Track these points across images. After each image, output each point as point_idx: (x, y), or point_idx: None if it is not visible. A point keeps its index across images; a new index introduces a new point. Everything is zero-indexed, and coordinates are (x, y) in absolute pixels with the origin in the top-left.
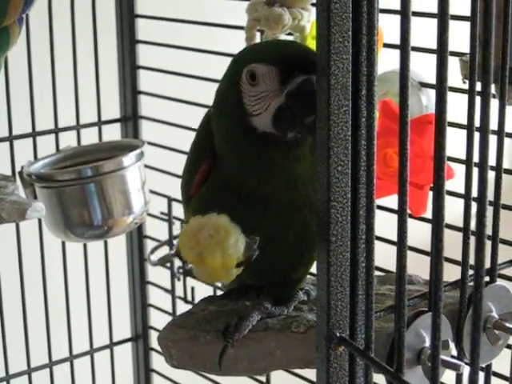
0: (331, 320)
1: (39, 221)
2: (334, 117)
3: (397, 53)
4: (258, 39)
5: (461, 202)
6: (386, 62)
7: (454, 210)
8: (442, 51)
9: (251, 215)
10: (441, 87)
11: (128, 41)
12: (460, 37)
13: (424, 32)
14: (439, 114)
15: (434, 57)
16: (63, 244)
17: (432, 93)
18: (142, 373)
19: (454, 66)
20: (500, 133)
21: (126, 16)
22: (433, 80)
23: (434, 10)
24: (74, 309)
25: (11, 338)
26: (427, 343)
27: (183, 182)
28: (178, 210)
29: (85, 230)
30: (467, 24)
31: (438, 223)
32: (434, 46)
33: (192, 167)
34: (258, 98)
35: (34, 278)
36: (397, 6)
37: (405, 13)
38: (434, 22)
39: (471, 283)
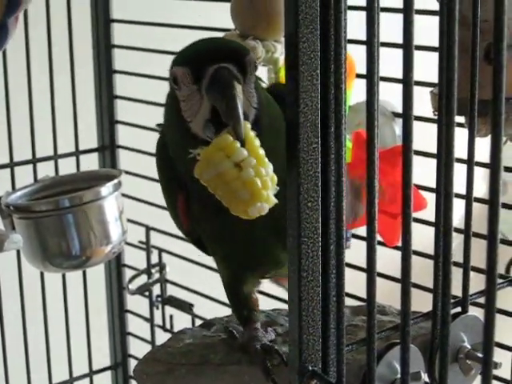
0: (303, 354)
1: (18, 251)
2: (303, 154)
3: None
4: None
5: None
6: (361, 91)
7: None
8: (407, 84)
9: (225, 226)
10: (406, 117)
11: (105, 71)
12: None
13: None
14: (405, 145)
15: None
16: (42, 274)
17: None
18: None
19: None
20: (470, 163)
21: (103, 46)
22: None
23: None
24: (54, 337)
25: None
26: (399, 375)
27: (173, 218)
28: (156, 239)
29: (63, 260)
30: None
31: (405, 258)
32: None
33: (170, 204)
34: (186, 103)
35: (12, 308)
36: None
37: (371, 43)
38: None
39: None
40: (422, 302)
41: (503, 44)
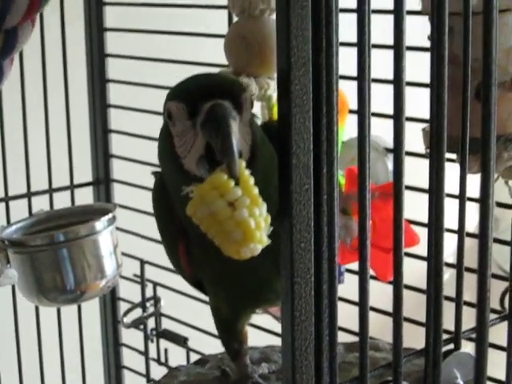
0: None
1: (12, 285)
2: (296, 195)
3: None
4: None
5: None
6: (355, 127)
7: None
8: (397, 118)
9: (228, 268)
10: (398, 153)
11: (99, 104)
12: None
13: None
14: (396, 180)
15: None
16: (37, 308)
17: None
18: None
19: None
20: (462, 199)
21: (98, 80)
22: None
23: None
24: (49, 372)
25: None
26: None
27: (174, 265)
28: (151, 272)
29: (58, 294)
30: None
31: (397, 300)
32: None
33: (171, 252)
34: (180, 138)
35: (7, 342)
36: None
37: (362, 77)
38: None
39: None
40: (416, 336)
41: (491, 82)
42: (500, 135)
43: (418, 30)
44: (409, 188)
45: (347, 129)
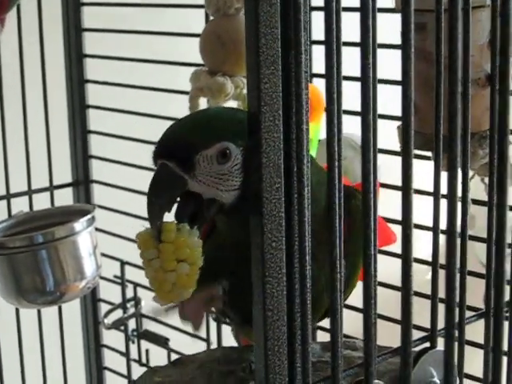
0: None
1: None
2: (266, 194)
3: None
4: (203, 107)
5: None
6: None
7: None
8: (365, 115)
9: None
10: (366, 151)
11: (78, 105)
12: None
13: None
14: (364, 178)
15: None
16: (17, 309)
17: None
18: None
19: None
20: (436, 197)
21: (76, 80)
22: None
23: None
24: (29, 372)
25: None
26: None
27: None
28: (131, 273)
29: (37, 296)
30: None
31: (368, 300)
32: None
33: None
34: None
35: None
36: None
37: (330, 75)
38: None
39: (415, 348)
40: (395, 334)
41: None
42: (474, 133)
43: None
44: (384, 186)
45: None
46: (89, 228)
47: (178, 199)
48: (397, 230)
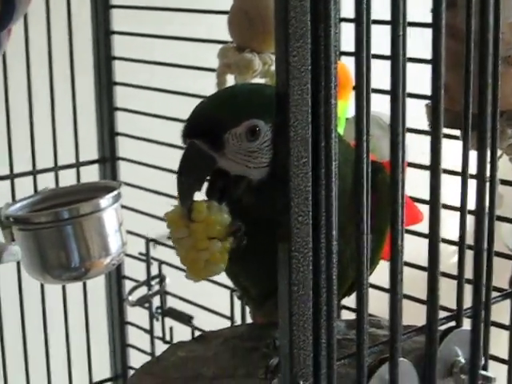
0: (294, 369)
1: (17, 262)
2: (293, 168)
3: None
4: (230, 84)
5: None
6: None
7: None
8: (395, 94)
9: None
10: (395, 132)
11: (105, 82)
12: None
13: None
14: (393, 161)
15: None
16: (42, 285)
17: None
18: None
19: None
20: (464, 176)
21: (104, 57)
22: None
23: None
24: (54, 349)
25: None
26: None
27: None
28: (156, 251)
29: (62, 271)
30: None
31: (394, 273)
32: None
33: None
34: None
35: (13, 320)
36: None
37: (359, 53)
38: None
39: (440, 327)
40: (420, 316)
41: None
42: (503, 111)
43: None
44: (412, 165)
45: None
46: (114, 205)
47: (209, 177)
48: (424, 210)
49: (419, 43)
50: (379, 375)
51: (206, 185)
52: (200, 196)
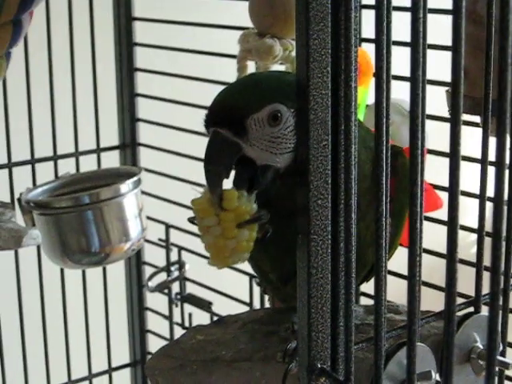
0: (312, 351)
1: (38, 247)
2: (313, 151)
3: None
4: (251, 70)
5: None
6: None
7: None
8: (414, 81)
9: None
10: (414, 121)
11: (126, 69)
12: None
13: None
14: (413, 147)
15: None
16: (62, 270)
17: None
18: None
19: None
20: (483, 163)
21: (125, 44)
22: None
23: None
24: (73, 334)
25: (9, 362)
26: None
27: None
28: (176, 237)
29: (82, 256)
30: None
31: (412, 257)
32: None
33: None
34: None
35: (32, 303)
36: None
37: (379, 40)
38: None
39: (458, 313)
40: (439, 304)
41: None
42: None
43: None
44: (432, 152)
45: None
46: (135, 190)
47: (235, 166)
48: (444, 197)
49: (439, 31)
50: (397, 359)
51: (233, 175)
52: (228, 185)
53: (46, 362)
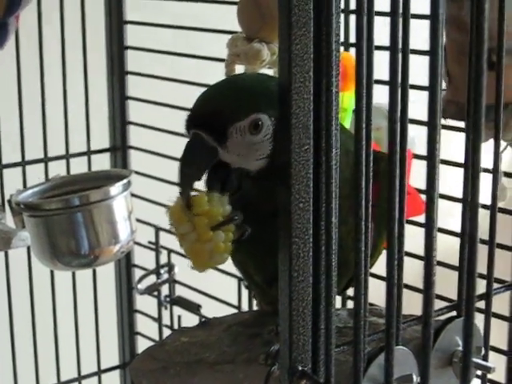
0: (293, 354)
1: (28, 249)
2: (295, 155)
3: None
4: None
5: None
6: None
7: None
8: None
9: None
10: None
11: (118, 71)
12: None
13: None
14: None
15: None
16: (52, 272)
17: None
18: None
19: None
20: (466, 167)
21: (116, 47)
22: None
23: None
24: (63, 336)
25: None
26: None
27: None
28: (165, 239)
29: (72, 258)
30: None
31: (390, 260)
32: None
33: None
34: None
35: (22, 305)
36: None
37: (360, 45)
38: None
39: (441, 317)
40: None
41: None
42: (507, 103)
43: None
44: (418, 157)
45: None
46: (124, 193)
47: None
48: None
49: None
50: (378, 363)
51: (206, 176)
52: (201, 188)
53: (35, 363)
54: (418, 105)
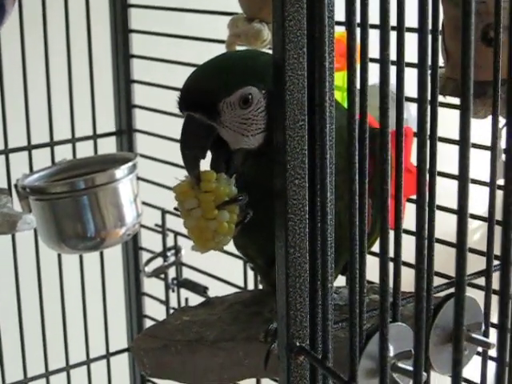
0: (291, 330)
1: (35, 232)
2: (289, 131)
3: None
4: None
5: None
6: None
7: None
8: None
9: None
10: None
11: (122, 55)
12: None
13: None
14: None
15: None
16: (59, 255)
17: (412, 106)
18: (139, 383)
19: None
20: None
21: (121, 30)
22: (412, 93)
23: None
24: (71, 319)
25: (7, 348)
26: (392, 353)
27: None
28: (172, 222)
29: (78, 241)
30: None
31: (384, 238)
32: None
33: None
34: None
35: (30, 289)
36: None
37: (350, 23)
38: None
39: (442, 293)
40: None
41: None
42: (505, 79)
43: None
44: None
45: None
46: (130, 175)
47: (211, 150)
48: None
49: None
50: (376, 339)
51: (210, 159)
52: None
53: (43, 346)
54: None
